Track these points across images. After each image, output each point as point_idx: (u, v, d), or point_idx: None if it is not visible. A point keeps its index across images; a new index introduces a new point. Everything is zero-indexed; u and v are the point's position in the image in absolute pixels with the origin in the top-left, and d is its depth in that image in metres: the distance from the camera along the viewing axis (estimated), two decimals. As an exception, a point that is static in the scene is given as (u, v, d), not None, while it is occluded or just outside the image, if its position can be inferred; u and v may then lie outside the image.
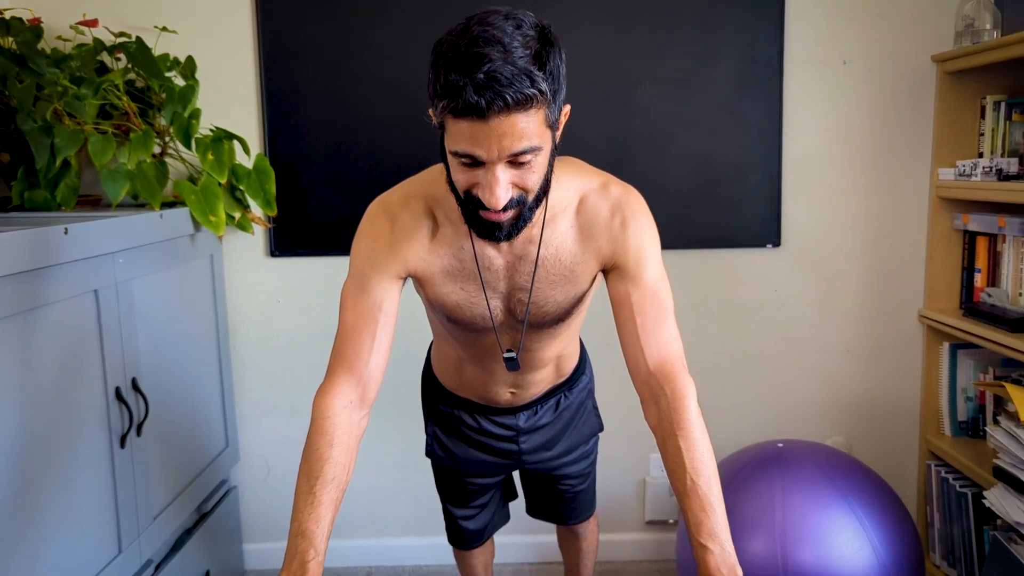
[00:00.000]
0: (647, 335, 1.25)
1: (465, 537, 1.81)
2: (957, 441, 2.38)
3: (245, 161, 2.35)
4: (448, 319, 1.39)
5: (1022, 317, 2.04)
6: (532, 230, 1.27)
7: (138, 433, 1.88)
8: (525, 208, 1.17)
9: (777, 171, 2.42)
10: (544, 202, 1.22)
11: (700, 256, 2.47)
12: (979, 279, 2.32)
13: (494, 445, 1.64)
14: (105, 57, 2.27)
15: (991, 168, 2.15)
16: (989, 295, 2.24)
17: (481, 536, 1.83)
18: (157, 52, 2.24)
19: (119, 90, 2.13)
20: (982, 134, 2.32)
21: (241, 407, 2.53)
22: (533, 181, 1.15)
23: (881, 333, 2.53)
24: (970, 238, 2.36)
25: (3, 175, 2.22)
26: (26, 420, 1.50)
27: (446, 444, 1.68)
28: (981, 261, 2.31)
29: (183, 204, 2.20)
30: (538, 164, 1.14)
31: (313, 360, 2.43)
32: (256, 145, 2.41)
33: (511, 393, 1.56)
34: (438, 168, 1.29)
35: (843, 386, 2.55)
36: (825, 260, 2.49)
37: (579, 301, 1.38)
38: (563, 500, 1.79)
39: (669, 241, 2.46)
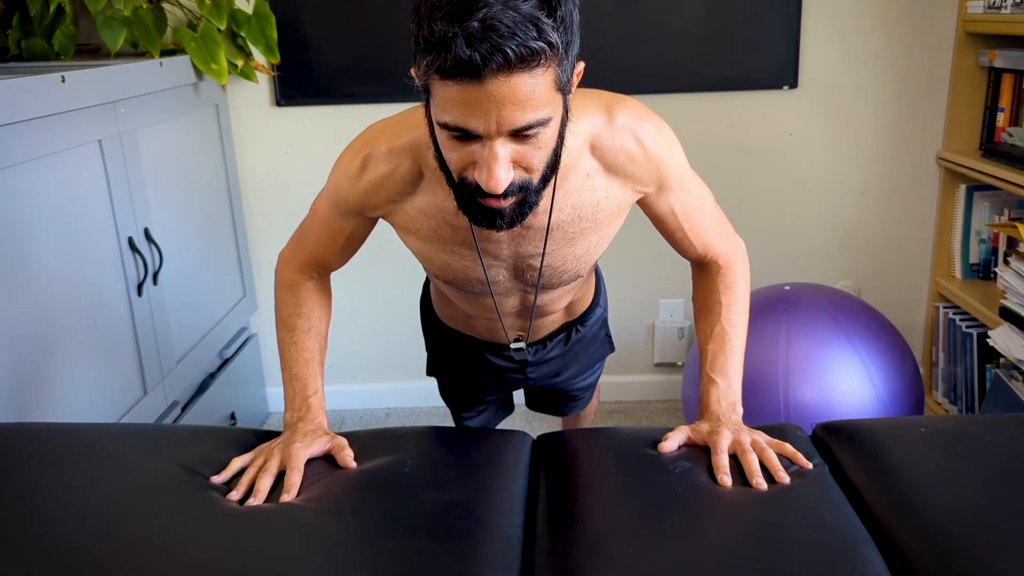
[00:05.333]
0: (695, 233, 1.24)
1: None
2: (967, 284, 2.39)
3: (244, 6, 2.28)
4: (437, 276, 1.26)
5: (1041, 156, 1.99)
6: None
7: (154, 282, 1.92)
8: (530, 193, 0.98)
9: (796, 7, 2.32)
10: (553, 178, 1.01)
11: (713, 99, 2.41)
12: (1001, 119, 2.26)
13: (500, 375, 1.55)
14: None
15: (1022, -1, 2.04)
16: (1010, 135, 2.18)
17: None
18: None
19: (109, -69, 2.05)
20: (1016, -38, 2.19)
21: (257, 257, 2.57)
22: (539, 160, 0.95)
23: (897, 176, 2.49)
24: (995, 75, 2.27)
25: (-1, 24, 2.18)
26: (42, 267, 1.54)
27: (448, 371, 1.61)
28: (1005, 100, 2.24)
29: (184, 52, 2.16)
30: (546, 138, 0.93)
31: (324, 210, 2.43)
32: (255, -12, 2.33)
33: (518, 336, 1.48)
34: None
35: (855, 230, 2.54)
36: (843, 101, 2.42)
37: (601, 249, 1.25)
38: (565, 402, 1.75)
39: (681, 84, 2.41)
